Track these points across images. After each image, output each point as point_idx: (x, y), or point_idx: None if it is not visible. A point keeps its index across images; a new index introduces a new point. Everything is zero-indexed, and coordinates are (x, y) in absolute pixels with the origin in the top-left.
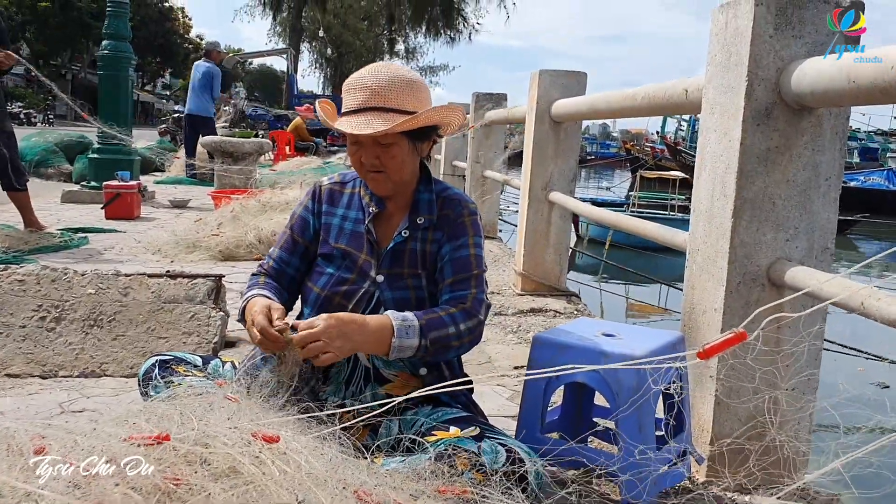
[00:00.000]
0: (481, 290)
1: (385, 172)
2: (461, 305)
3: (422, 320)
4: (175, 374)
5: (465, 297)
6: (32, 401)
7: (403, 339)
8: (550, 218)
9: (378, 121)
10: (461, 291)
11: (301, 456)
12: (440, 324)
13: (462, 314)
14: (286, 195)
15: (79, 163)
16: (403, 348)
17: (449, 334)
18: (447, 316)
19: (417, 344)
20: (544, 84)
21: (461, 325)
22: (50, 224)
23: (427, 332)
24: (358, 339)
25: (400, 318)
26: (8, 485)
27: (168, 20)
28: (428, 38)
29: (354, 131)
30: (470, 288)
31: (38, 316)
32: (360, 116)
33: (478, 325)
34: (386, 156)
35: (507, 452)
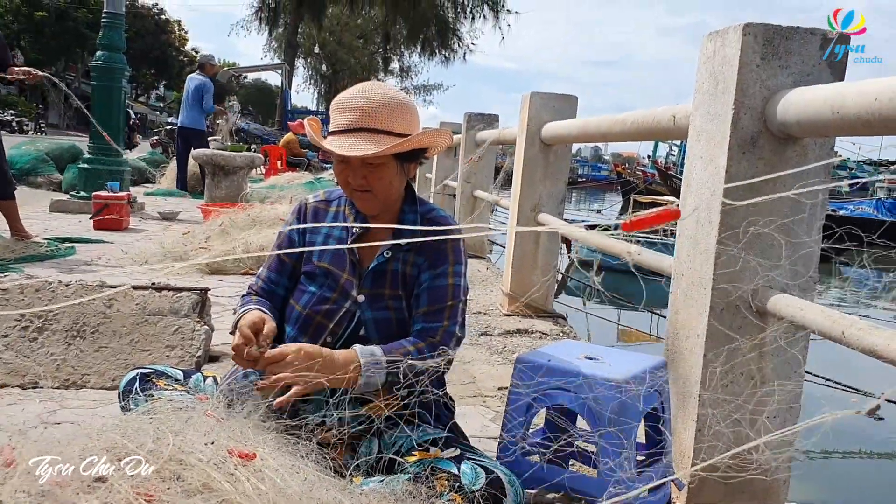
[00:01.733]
0: (454, 323)
1: (372, 192)
2: (430, 339)
3: (389, 355)
4: (155, 387)
5: (436, 331)
6: (11, 411)
7: (370, 378)
8: (539, 239)
9: (367, 143)
10: (433, 324)
11: (277, 474)
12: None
13: (430, 348)
14: (276, 210)
15: (69, 172)
16: (370, 384)
17: (415, 369)
18: (415, 351)
19: (383, 381)
20: (535, 106)
21: (429, 360)
22: (37, 233)
23: (393, 369)
24: (325, 373)
25: (367, 355)
26: None
27: (164, 33)
28: (423, 57)
29: (344, 153)
30: (442, 320)
31: (21, 325)
32: (350, 137)
33: (446, 359)
34: (373, 176)
35: (487, 474)
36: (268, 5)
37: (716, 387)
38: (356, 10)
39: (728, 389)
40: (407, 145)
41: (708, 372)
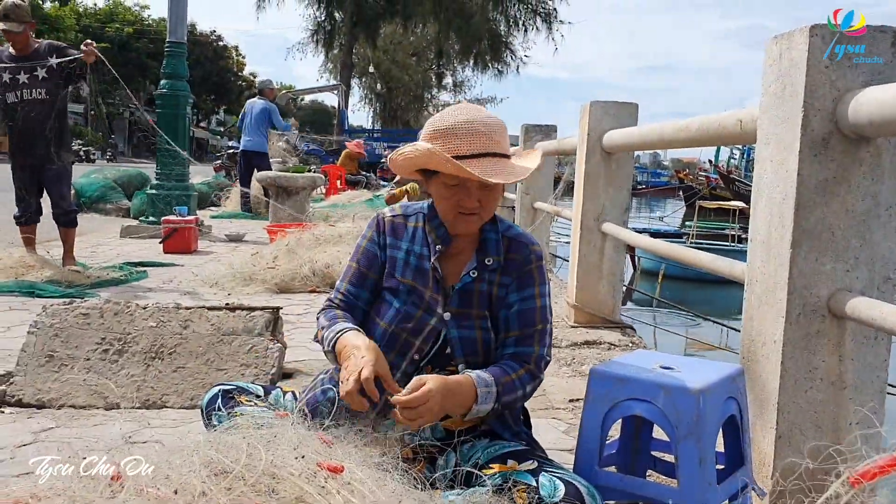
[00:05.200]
0: (543, 346)
1: (479, 214)
2: (527, 366)
3: (499, 385)
4: (238, 403)
5: (530, 357)
6: (97, 431)
7: (482, 406)
8: (603, 249)
9: (503, 167)
10: (525, 348)
11: (365, 486)
12: (512, 388)
13: (528, 376)
14: (339, 228)
15: (137, 198)
16: (480, 412)
17: (517, 397)
18: (518, 380)
19: (490, 408)
20: (595, 115)
21: (528, 387)
22: (110, 258)
23: (501, 397)
24: (450, 407)
25: (483, 384)
26: None
27: (222, 59)
28: (476, 71)
29: (498, 180)
30: (534, 345)
31: (102, 349)
32: (486, 161)
33: (538, 384)
34: (487, 199)
35: (566, 486)
36: (323, 28)
37: (795, 393)
38: (409, 28)
39: (807, 396)
40: (535, 167)
41: (786, 378)
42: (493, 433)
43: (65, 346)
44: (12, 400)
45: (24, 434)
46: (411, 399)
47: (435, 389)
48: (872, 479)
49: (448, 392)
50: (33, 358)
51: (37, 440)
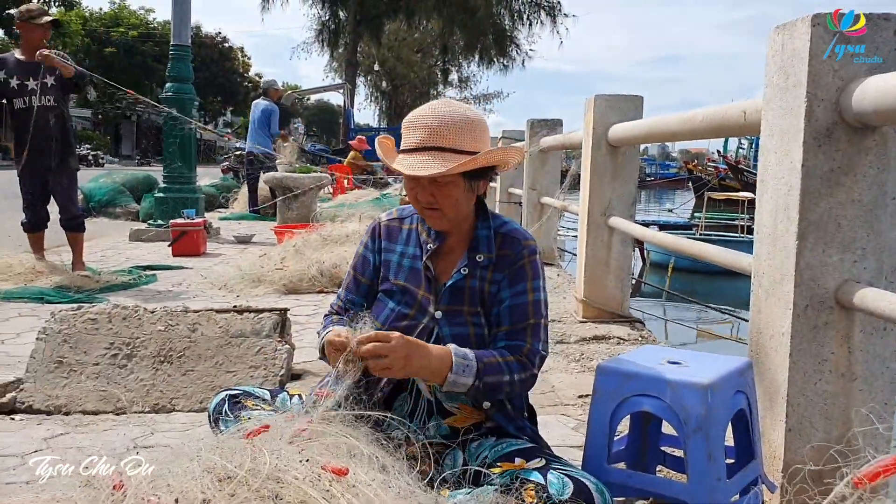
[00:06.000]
0: (537, 341)
1: (440, 210)
2: (518, 357)
3: (481, 363)
4: (244, 408)
5: (520, 350)
6: (106, 437)
7: (459, 376)
8: (611, 243)
9: (435, 161)
10: (516, 342)
11: (370, 489)
12: (497, 370)
13: (518, 365)
14: (346, 228)
15: (145, 202)
16: (457, 384)
17: (502, 381)
18: (504, 364)
19: (471, 384)
20: (600, 109)
21: (515, 375)
22: (119, 262)
23: (483, 375)
24: (418, 363)
25: (461, 355)
26: None
27: (228, 60)
28: (481, 66)
29: (410, 172)
30: (525, 339)
31: (111, 353)
32: (418, 156)
33: (530, 377)
34: (441, 194)
35: (574, 483)
36: (328, 27)
37: (804, 386)
38: (413, 24)
39: (817, 388)
40: (473, 164)
41: (795, 371)
42: (499, 431)
43: (74, 352)
44: (22, 406)
45: (33, 441)
46: (377, 347)
47: (400, 336)
48: (876, 479)
49: (416, 346)
50: (42, 364)
51: (47, 447)
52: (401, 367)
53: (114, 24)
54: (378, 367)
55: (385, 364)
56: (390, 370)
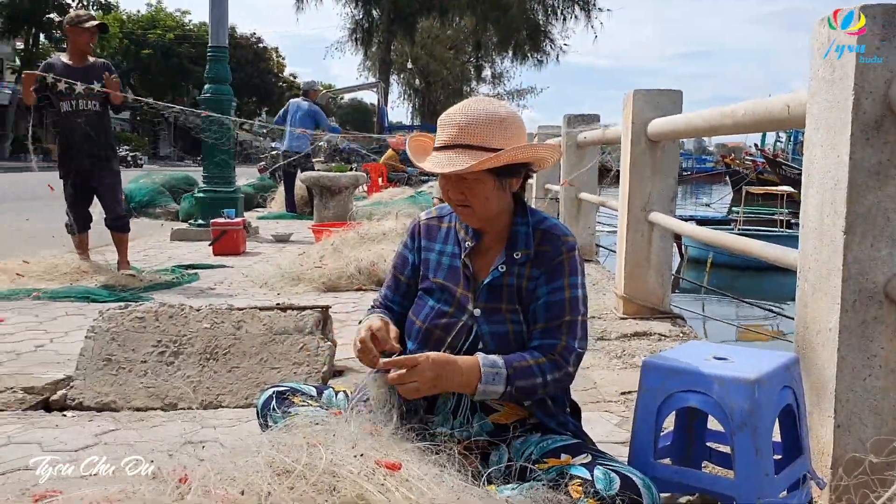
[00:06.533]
0: (573, 338)
1: (470, 207)
2: (550, 356)
3: (510, 368)
4: (292, 404)
5: (554, 348)
6: (156, 432)
7: (489, 385)
8: (651, 238)
9: (460, 158)
10: (551, 340)
11: (423, 483)
12: (528, 373)
13: (550, 365)
14: (382, 226)
15: (185, 202)
16: (488, 392)
17: (535, 384)
18: (536, 366)
19: (503, 391)
20: (639, 104)
21: (548, 375)
22: (161, 262)
23: (514, 380)
24: (448, 380)
25: (489, 364)
26: None
27: (262, 61)
28: (515, 62)
29: (436, 169)
30: (560, 337)
31: (158, 351)
32: (447, 153)
33: (565, 376)
34: (470, 192)
35: (621, 479)
36: (361, 26)
37: (853, 381)
38: (446, 22)
39: (866, 384)
40: (494, 162)
41: (843, 366)
42: (542, 427)
43: (122, 350)
44: (73, 403)
45: (86, 437)
46: (404, 359)
47: (426, 358)
48: None
49: (442, 362)
50: (92, 362)
51: (99, 442)
52: (430, 387)
53: (150, 26)
54: (408, 391)
55: (414, 387)
56: (419, 391)
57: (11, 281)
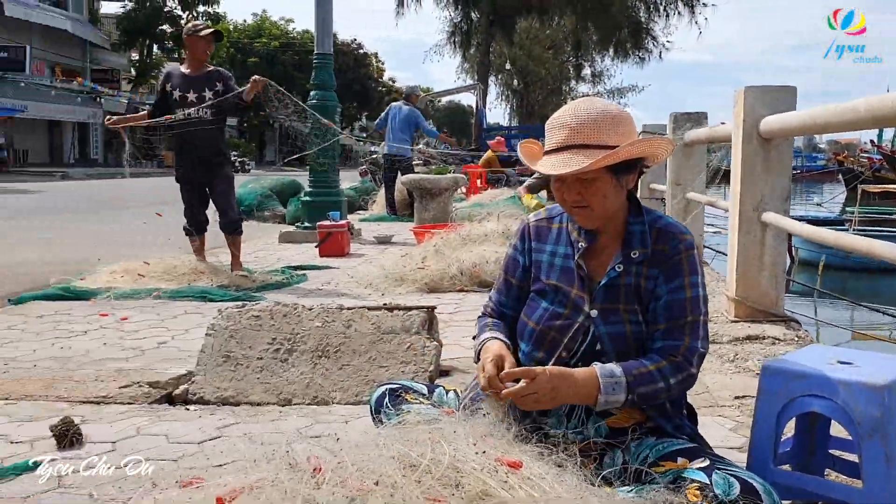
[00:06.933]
0: (695, 339)
1: (588, 207)
2: (672, 359)
3: (630, 376)
4: (404, 401)
5: (677, 349)
6: (274, 426)
7: (609, 395)
8: (764, 240)
9: (577, 158)
10: (673, 341)
11: (545, 481)
12: (649, 379)
13: (672, 368)
14: (484, 227)
15: (291, 205)
16: (609, 402)
17: (657, 388)
18: (657, 371)
19: (624, 399)
20: (750, 101)
21: (671, 379)
22: (271, 263)
23: (635, 388)
24: (566, 392)
25: (607, 374)
26: (300, 495)
27: (363, 66)
28: (616, 60)
29: (552, 171)
30: (683, 337)
31: (273, 348)
32: (560, 155)
33: (688, 377)
34: (588, 192)
35: (741, 484)
36: (460, 29)
37: None
38: (546, 21)
39: None
40: (614, 157)
41: None
42: (659, 430)
43: (240, 347)
44: (194, 398)
45: (208, 429)
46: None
47: (543, 371)
48: None
49: (561, 376)
50: (212, 358)
51: (221, 435)
52: (549, 399)
53: (256, 35)
54: (526, 403)
55: (533, 399)
56: (539, 403)
57: (134, 281)
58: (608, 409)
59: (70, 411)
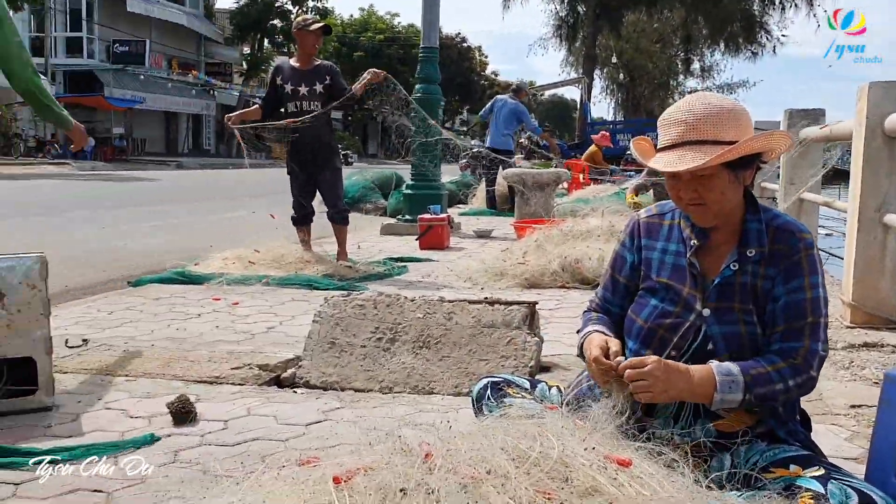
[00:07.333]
0: (816, 341)
1: (705, 205)
2: (791, 360)
3: (747, 375)
4: (506, 395)
5: (796, 352)
6: (377, 413)
7: (726, 394)
8: (885, 243)
9: (692, 155)
10: (792, 343)
11: (654, 480)
12: (767, 380)
13: (791, 370)
14: (587, 223)
15: (393, 198)
16: (726, 401)
17: (776, 390)
18: (775, 372)
19: (741, 399)
20: (875, 97)
21: (790, 381)
22: (373, 254)
23: (752, 388)
24: (681, 387)
25: (724, 372)
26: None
27: (466, 60)
28: (726, 55)
29: (668, 168)
30: (802, 339)
31: (376, 337)
32: (675, 152)
33: (808, 381)
34: (704, 189)
35: (859, 495)
36: (566, 22)
37: None
38: (654, 14)
39: None
40: (734, 153)
41: None
42: (770, 435)
43: (344, 334)
44: (301, 381)
45: (315, 413)
46: (634, 373)
47: (656, 359)
48: None
49: (676, 369)
50: (318, 344)
51: (327, 419)
52: (661, 390)
53: (362, 29)
54: (639, 389)
55: (645, 386)
56: (652, 394)
57: (244, 268)
58: (717, 413)
59: (185, 390)
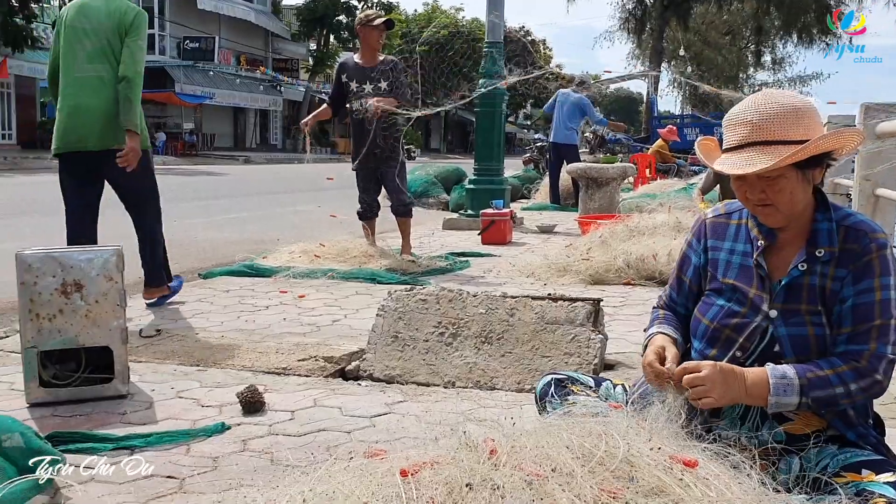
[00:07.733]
0: (884, 344)
1: (774, 206)
2: (853, 364)
3: (803, 379)
4: (570, 392)
5: (861, 355)
6: (440, 407)
7: (780, 398)
8: None
9: (760, 156)
10: (857, 346)
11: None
12: (825, 384)
13: (853, 374)
14: (654, 219)
15: (455, 193)
16: (781, 404)
17: (834, 394)
18: (834, 376)
19: (797, 402)
20: None
21: (851, 385)
22: (435, 249)
23: (808, 392)
24: (736, 390)
25: (779, 375)
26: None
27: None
28: (799, 46)
29: (735, 171)
30: (868, 342)
31: (438, 331)
32: (742, 153)
33: (873, 384)
34: (772, 190)
35: None
36: (634, 15)
37: None
38: (724, 6)
39: None
40: (801, 154)
41: None
42: (840, 438)
43: (407, 328)
44: (365, 374)
45: (379, 405)
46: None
47: (711, 364)
48: None
49: (731, 372)
50: (381, 338)
51: (391, 411)
52: (719, 395)
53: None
54: (696, 395)
55: (703, 391)
56: (710, 397)
57: (310, 261)
58: (785, 415)
59: (254, 380)
